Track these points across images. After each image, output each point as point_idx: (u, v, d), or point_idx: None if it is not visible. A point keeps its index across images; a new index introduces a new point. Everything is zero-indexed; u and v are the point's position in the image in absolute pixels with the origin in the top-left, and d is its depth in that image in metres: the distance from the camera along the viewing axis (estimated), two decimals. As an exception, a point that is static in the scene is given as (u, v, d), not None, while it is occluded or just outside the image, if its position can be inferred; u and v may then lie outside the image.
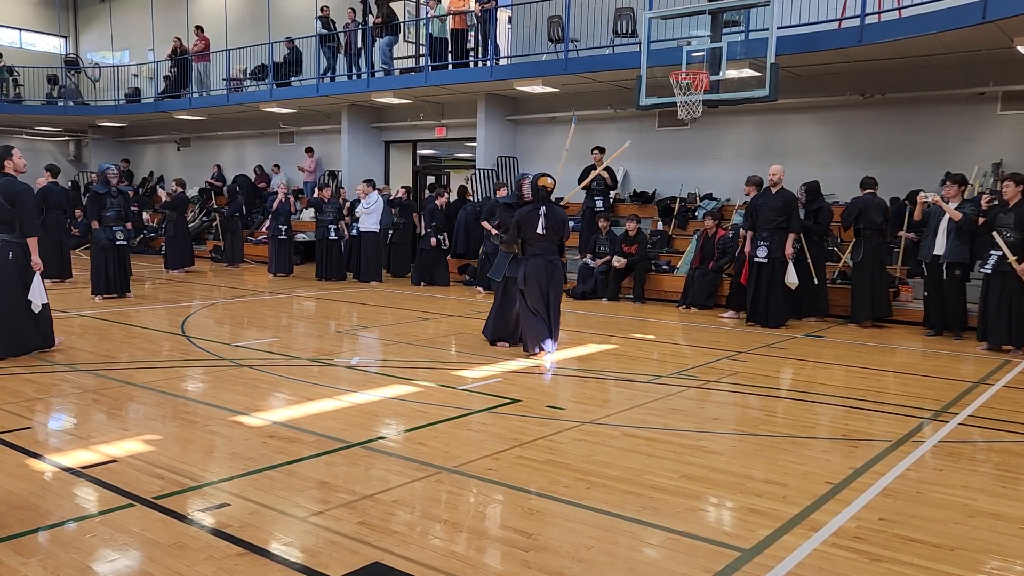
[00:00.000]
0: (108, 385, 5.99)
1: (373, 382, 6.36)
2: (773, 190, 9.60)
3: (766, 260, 9.54)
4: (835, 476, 4.27)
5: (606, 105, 14.23)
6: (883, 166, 11.31)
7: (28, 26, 25.33)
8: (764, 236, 9.56)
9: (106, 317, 9.41)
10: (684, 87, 10.46)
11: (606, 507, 3.76)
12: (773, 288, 9.56)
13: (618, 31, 13.06)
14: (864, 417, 5.62)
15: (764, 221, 9.57)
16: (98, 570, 3.05)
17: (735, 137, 13.38)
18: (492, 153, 15.32)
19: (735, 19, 11.04)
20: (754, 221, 9.71)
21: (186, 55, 19.71)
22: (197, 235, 18.29)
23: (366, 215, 13.70)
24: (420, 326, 9.39)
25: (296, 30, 18.14)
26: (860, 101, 11.95)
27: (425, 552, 3.24)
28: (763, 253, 9.56)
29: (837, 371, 7.28)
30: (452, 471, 4.23)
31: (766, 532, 3.51)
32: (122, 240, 10.99)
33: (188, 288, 12.80)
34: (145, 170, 23.50)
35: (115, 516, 3.53)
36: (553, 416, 5.41)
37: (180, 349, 7.64)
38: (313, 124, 19.11)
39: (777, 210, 9.50)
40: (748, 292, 9.77)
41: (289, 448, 4.57)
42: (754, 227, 9.71)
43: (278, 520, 3.54)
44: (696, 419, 5.50)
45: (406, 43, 17.48)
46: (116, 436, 4.74)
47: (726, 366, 7.27)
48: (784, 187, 9.65)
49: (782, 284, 9.52)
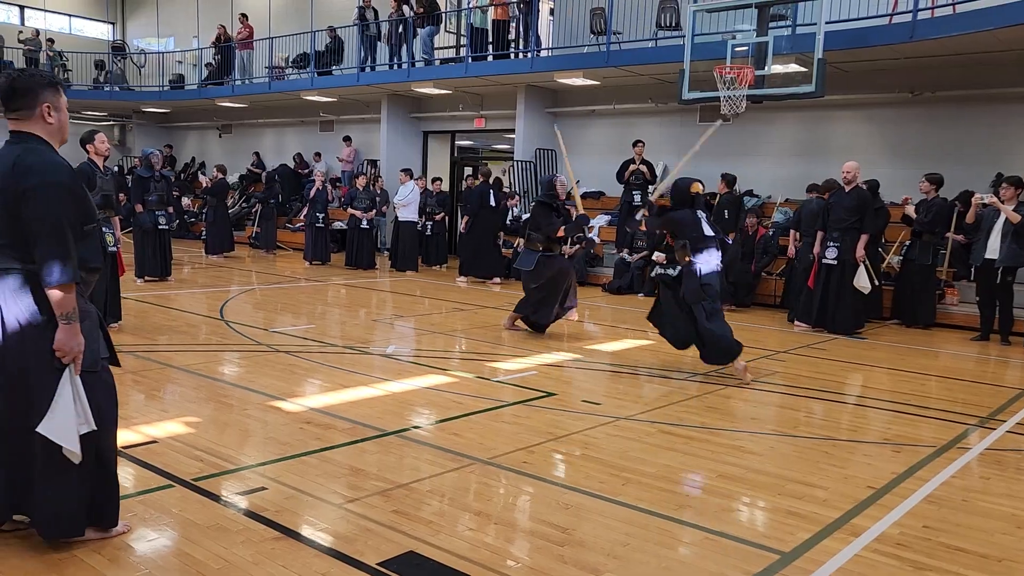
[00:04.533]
0: (148, 367, 6.08)
1: (407, 371, 6.37)
2: (847, 188, 9.05)
3: (835, 262, 9.02)
4: (877, 481, 4.17)
5: (647, 99, 14.09)
6: (932, 166, 11.03)
7: (78, 12, 25.82)
8: (834, 237, 9.01)
9: (147, 299, 9.55)
10: (728, 82, 10.30)
11: (641, 504, 3.72)
12: (842, 292, 9.02)
13: (661, 24, 12.91)
14: (907, 421, 5.49)
15: (835, 221, 9.01)
16: (138, 549, 3.08)
17: (778, 133, 13.17)
18: (531, 145, 15.27)
19: (782, 13, 10.84)
20: (825, 221, 9.18)
21: (230, 43, 19.92)
22: (236, 221, 18.52)
23: (403, 207, 13.75)
24: (455, 316, 9.39)
25: (339, 19, 18.23)
26: (910, 99, 11.67)
27: (459, 542, 3.23)
28: (832, 254, 9.02)
29: (879, 374, 7.13)
30: (486, 462, 4.21)
31: (805, 535, 3.44)
32: (164, 224, 11.16)
33: (227, 273, 12.96)
34: (187, 156, 23.82)
35: (155, 496, 3.57)
36: (588, 411, 5.36)
37: (218, 333, 7.72)
38: (353, 113, 19.21)
39: (850, 209, 8.91)
40: (815, 296, 9.24)
41: (324, 434, 4.59)
42: (824, 227, 9.19)
43: (314, 506, 3.55)
44: (733, 418, 5.42)
45: (447, 33, 17.47)
46: (156, 417, 4.80)
47: (764, 365, 7.16)
48: (859, 185, 9.14)
49: (851, 288, 8.98)
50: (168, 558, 3.02)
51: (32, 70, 3.10)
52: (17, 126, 2.91)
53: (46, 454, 2.88)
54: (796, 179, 12.33)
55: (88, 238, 2.97)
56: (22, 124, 2.90)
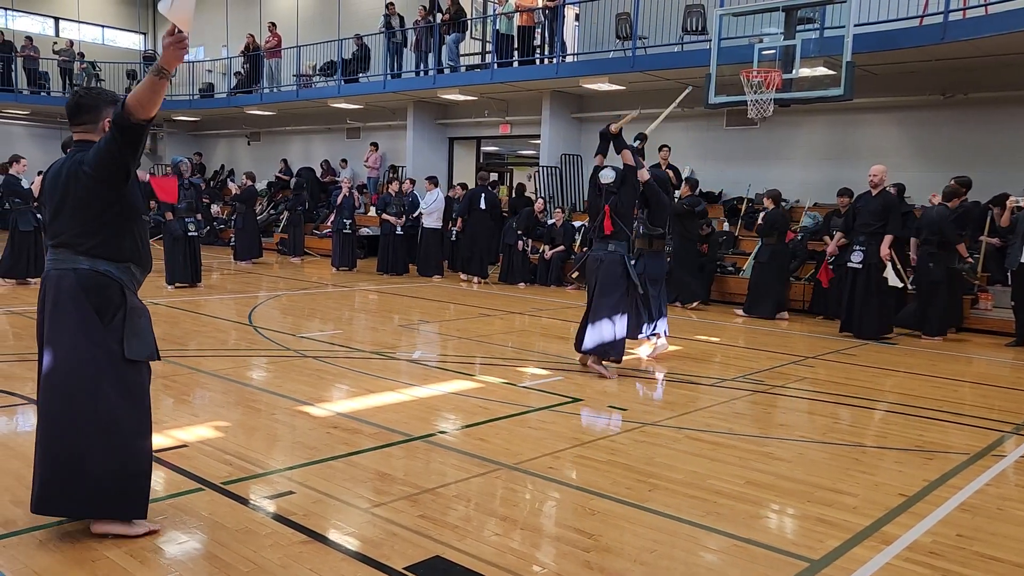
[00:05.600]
0: (178, 372, 6.15)
1: (434, 376, 6.39)
2: (874, 192, 8.91)
3: (861, 265, 8.90)
4: (909, 488, 4.11)
5: (673, 103, 14.02)
6: (964, 169, 10.85)
7: (110, 23, 26.30)
8: (860, 240, 8.91)
9: (177, 305, 9.68)
10: (755, 85, 10.23)
11: (669, 510, 3.69)
12: (868, 296, 8.90)
13: (687, 28, 12.87)
14: (940, 428, 5.40)
15: (861, 225, 8.91)
16: (168, 551, 3.12)
17: (806, 137, 13.06)
18: (556, 151, 15.28)
19: (810, 16, 10.75)
20: (851, 224, 9.10)
21: (258, 51, 20.17)
22: (264, 227, 18.71)
23: (427, 215, 13.84)
24: (481, 322, 9.41)
25: (365, 27, 18.40)
26: (941, 101, 11.52)
27: (485, 547, 3.23)
28: (858, 258, 8.90)
29: (910, 380, 7.03)
30: (512, 468, 4.21)
31: (835, 543, 3.39)
32: (193, 231, 11.31)
33: (255, 279, 13.09)
34: (216, 163, 24.14)
35: (185, 499, 3.61)
36: (614, 416, 5.34)
37: (247, 338, 7.80)
38: (379, 120, 19.35)
39: (876, 213, 8.79)
40: (843, 299, 9.17)
41: (351, 439, 4.61)
42: (848, 229, 9.12)
43: (341, 510, 3.57)
44: (762, 424, 5.37)
45: (472, 40, 17.55)
46: (186, 422, 4.86)
47: (793, 371, 7.09)
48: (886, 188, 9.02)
49: (878, 292, 8.86)
50: (198, 560, 3.06)
51: (96, 88, 3.48)
52: (82, 136, 3.25)
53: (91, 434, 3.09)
54: (825, 183, 12.21)
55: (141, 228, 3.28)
56: (87, 135, 3.24)
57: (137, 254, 3.25)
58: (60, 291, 3.13)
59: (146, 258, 3.32)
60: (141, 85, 2.91)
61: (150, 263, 3.37)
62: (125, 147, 2.99)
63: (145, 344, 3.23)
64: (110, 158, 3.02)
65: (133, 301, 3.22)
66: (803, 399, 6.13)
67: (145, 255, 3.31)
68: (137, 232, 3.24)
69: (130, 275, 3.24)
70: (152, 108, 2.94)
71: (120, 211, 3.16)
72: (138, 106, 2.90)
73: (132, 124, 2.94)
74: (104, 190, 3.09)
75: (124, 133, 2.96)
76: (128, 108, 2.91)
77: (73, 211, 3.12)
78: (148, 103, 2.92)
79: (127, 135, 2.96)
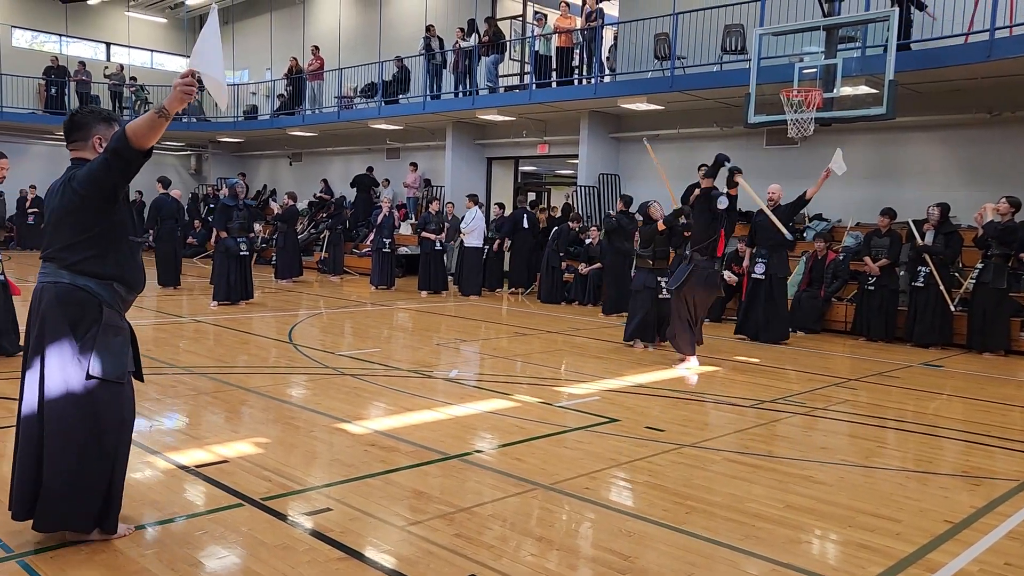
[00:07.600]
0: (221, 388, 6.26)
1: (471, 395, 6.41)
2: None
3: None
4: (955, 515, 4.01)
5: (712, 123, 13.99)
6: (1011, 188, 10.60)
7: (159, 47, 27.04)
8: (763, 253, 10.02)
9: (221, 323, 9.85)
10: (795, 104, 10.15)
11: (706, 533, 3.65)
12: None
13: (727, 48, 12.83)
14: (987, 453, 5.27)
15: (762, 240, 10.13)
16: (208, 565, 3.16)
17: (848, 156, 12.74)
18: (594, 170, 15.30)
19: (851, 35, 10.64)
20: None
21: (301, 74, 20.56)
22: (305, 246, 18.98)
23: (468, 233, 13.95)
24: (518, 341, 9.42)
25: (405, 49, 18.65)
26: (987, 119, 11.31)
27: (520, 567, 3.22)
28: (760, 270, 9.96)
29: (957, 403, 6.87)
30: (548, 488, 4.20)
31: (878, 570, 3.32)
32: (245, 251, 11.55)
33: (296, 297, 13.27)
34: (259, 184, 24.60)
35: (225, 515, 3.67)
36: (652, 437, 5.30)
37: (287, 356, 7.91)
38: (419, 140, 19.57)
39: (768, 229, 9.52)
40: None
41: (388, 457, 4.64)
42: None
43: (377, 527, 3.60)
44: (802, 447, 5.29)
45: (511, 61, 17.70)
46: (227, 437, 4.94)
47: (834, 393, 6.97)
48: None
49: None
50: (236, 575, 3.10)
51: (91, 107, 3.48)
52: (76, 154, 3.31)
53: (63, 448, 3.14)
54: (867, 203, 12.04)
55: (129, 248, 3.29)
56: (79, 152, 3.31)
57: (121, 273, 3.24)
58: (41, 303, 3.20)
59: (134, 278, 3.30)
60: (142, 118, 2.97)
61: (141, 283, 3.36)
62: (115, 172, 3.04)
63: (116, 363, 3.18)
64: (99, 181, 3.07)
65: (112, 319, 3.21)
66: (845, 422, 6.02)
67: (132, 275, 3.29)
68: (125, 251, 3.25)
69: (112, 293, 3.22)
70: (148, 142, 3.00)
71: (106, 230, 3.18)
72: (135, 137, 2.96)
73: (127, 153, 2.99)
74: (91, 209, 3.13)
75: (118, 159, 3.01)
76: (126, 137, 2.97)
77: (61, 226, 3.18)
78: (144, 137, 2.98)
79: (120, 162, 3.01)
